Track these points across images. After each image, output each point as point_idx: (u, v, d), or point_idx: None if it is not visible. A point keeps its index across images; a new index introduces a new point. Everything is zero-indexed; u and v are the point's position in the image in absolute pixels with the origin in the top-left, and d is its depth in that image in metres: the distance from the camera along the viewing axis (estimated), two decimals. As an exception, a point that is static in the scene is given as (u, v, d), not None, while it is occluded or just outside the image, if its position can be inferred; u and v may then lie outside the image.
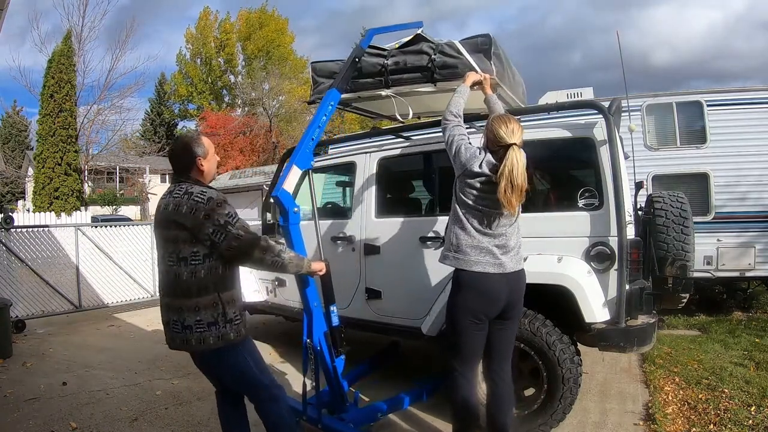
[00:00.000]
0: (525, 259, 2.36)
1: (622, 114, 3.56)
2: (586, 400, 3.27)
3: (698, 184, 5.69)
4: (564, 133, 2.89)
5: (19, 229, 6.15)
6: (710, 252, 5.54)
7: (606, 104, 2.74)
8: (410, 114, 3.39)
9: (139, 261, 7.01)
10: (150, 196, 26.89)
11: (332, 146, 4.17)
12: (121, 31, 22.01)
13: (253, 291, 4.42)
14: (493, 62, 2.82)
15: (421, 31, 3.06)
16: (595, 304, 2.59)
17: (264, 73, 26.87)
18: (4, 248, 5.82)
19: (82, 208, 17.51)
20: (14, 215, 9.02)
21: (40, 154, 17.73)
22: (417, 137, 3.66)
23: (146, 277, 7.07)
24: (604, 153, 2.68)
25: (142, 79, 24.83)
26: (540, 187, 3.20)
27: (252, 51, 30.78)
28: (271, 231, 3.80)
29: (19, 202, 27.32)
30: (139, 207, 27.54)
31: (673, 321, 5.56)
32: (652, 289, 3.04)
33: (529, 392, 2.82)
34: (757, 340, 4.56)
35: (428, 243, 3.19)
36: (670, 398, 3.30)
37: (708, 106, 5.71)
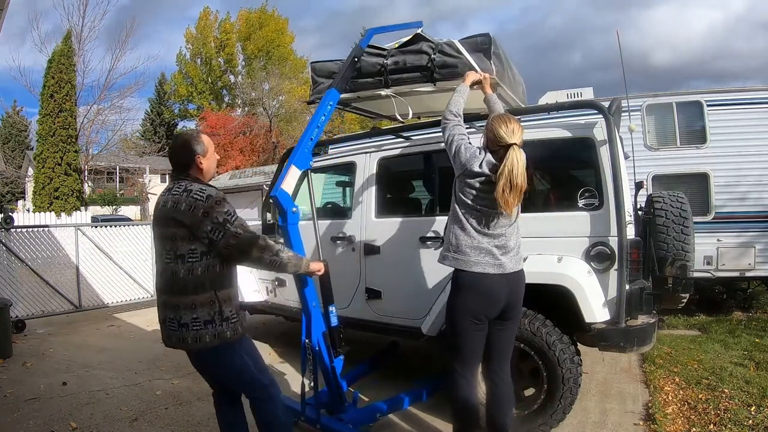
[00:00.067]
0: (525, 259, 2.36)
1: (622, 114, 3.56)
2: (586, 400, 3.27)
3: (698, 184, 5.69)
4: (564, 133, 2.89)
5: (19, 229, 6.15)
6: (710, 252, 5.54)
7: (606, 104, 2.74)
8: (410, 114, 3.39)
9: (139, 261, 7.01)
10: (150, 196, 26.88)
11: (332, 146, 4.17)
12: (121, 31, 22.04)
13: (253, 291, 4.42)
14: (492, 62, 2.82)
15: (420, 31, 3.06)
16: (595, 304, 2.59)
17: (264, 73, 26.86)
18: (4, 248, 5.82)
19: (82, 208, 17.51)
20: (14, 215, 9.02)
21: (40, 154, 17.73)
22: (417, 137, 3.66)
23: (146, 277, 7.07)
24: (604, 153, 2.68)
25: (142, 79, 24.95)
26: (540, 187, 3.20)
27: (252, 51, 30.76)
28: (271, 231, 3.80)
29: (19, 202, 27.33)
30: (139, 207, 27.55)
31: (673, 321, 5.56)
32: (652, 289, 3.04)
33: (529, 392, 2.81)
34: (757, 340, 4.55)
35: (428, 243, 3.18)
36: (670, 398, 3.30)
37: (708, 106, 5.71)
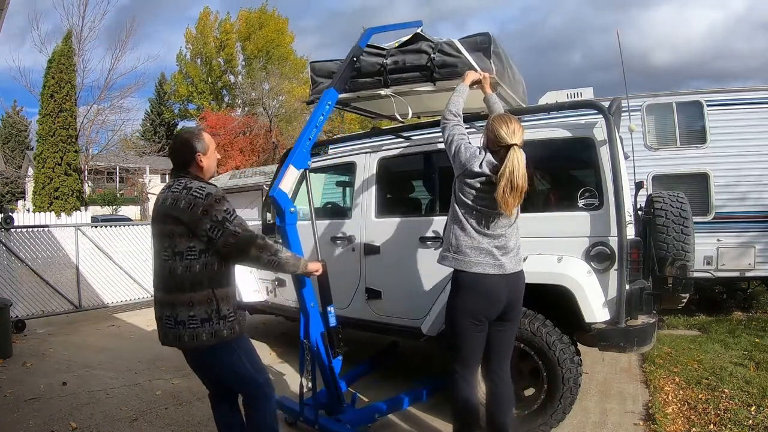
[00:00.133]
0: (525, 260, 2.35)
1: (622, 114, 3.56)
2: (586, 400, 3.27)
3: (698, 184, 5.69)
4: (564, 133, 2.89)
5: (19, 229, 6.14)
6: (710, 252, 5.54)
7: (606, 104, 2.74)
8: (410, 113, 3.38)
9: (139, 261, 7.00)
10: (150, 196, 26.86)
11: (332, 146, 4.17)
12: (121, 31, 22.02)
13: (253, 291, 4.42)
14: (492, 61, 2.82)
15: (420, 30, 3.05)
16: (595, 304, 2.59)
17: (264, 73, 26.85)
18: (4, 248, 5.82)
19: (82, 208, 17.50)
20: (14, 215, 9.03)
21: (40, 154, 17.72)
22: (417, 137, 3.66)
23: (146, 277, 7.04)
24: (604, 153, 2.68)
25: (142, 79, 24.97)
26: (540, 187, 3.20)
27: (252, 51, 30.75)
28: (271, 231, 3.79)
29: (19, 202, 27.33)
30: (139, 207, 27.54)
31: (673, 321, 5.56)
32: (652, 289, 3.04)
33: (529, 392, 2.81)
34: (757, 340, 4.55)
35: (428, 243, 3.18)
36: (670, 398, 3.29)
37: (708, 106, 5.71)
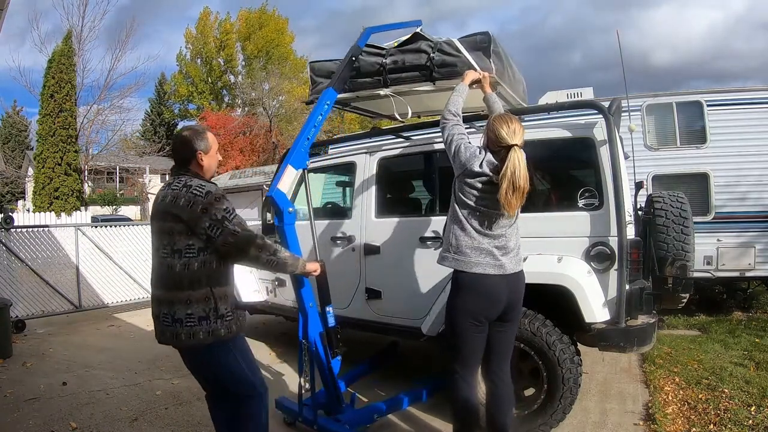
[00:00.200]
0: (525, 260, 2.35)
1: (622, 114, 3.56)
2: (586, 400, 3.27)
3: (698, 184, 5.69)
4: (564, 133, 2.89)
5: (19, 229, 6.14)
6: (710, 252, 5.54)
7: (606, 104, 2.74)
8: (409, 113, 3.38)
9: (139, 261, 7.00)
10: (150, 196, 26.86)
11: (332, 146, 4.17)
12: (121, 31, 22.02)
13: (253, 291, 4.42)
14: (492, 60, 2.81)
15: (419, 30, 3.05)
16: (595, 304, 2.59)
17: (264, 73, 26.85)
18: (4, 248, 5.82)
19: (82, 208, 17.50)
20: (14, 215, 9.02)
21: (40, 154, 17.72)
22: (417, 137, 3.66)
23: (146, 277, 7.02)
24: (604, 153, 2.68)
25: (142, 79, 24.87)
26: (540, 187, 3.20)
27: (252, 51, 30.74)
28: (271, 230, 3.79)
29: (19, 202, 27.32)
30: (139, 207, 27.53)
31: (673, 321, 5.56)
32: (652, 289, 3.04)
33: (529, 392, 2.81)
34: (757, 340, 4.55)
35: (428, 243, 3.18)
36: (670, 398, 3.29)
37: (708, 106, 5.71)
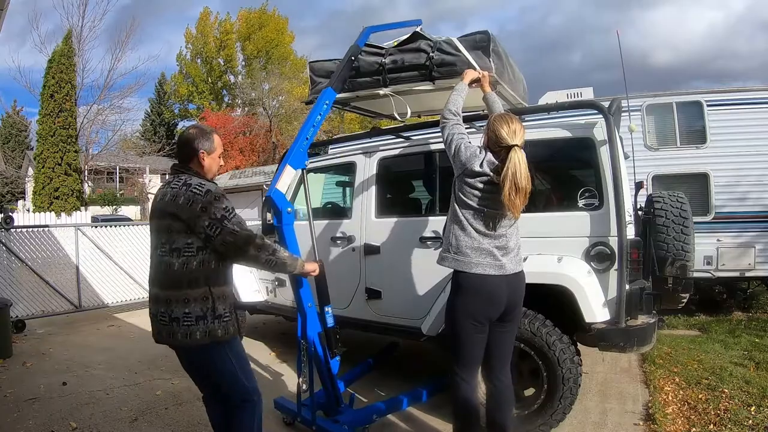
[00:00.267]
0: (525, 260, 2.35)
1: (622, 114, 3.56)
2: (586, 400, 3.27)
3: (698, 184, 5.69)
4: (564, 133, 2.89)
5: (19, 229, 6.14)
6: (710, 252, 5.54)
7: (606, 104, 2.74)
8: (408, 113, 3.38)
9: (139, 261, 6.99)
10: (150, 196, 26.86)
11: (332, 146, 4.17)
12: (121, 31, 21.96)
13: (253, 291, 4.41)
14: (491, 59, 2.81)
15: (419, 29, 3.05)
16: (595, 304, 2.59)
17: (264, 73, 26.85)
18: (4, 248, 5.82)
19: (82, 208, 17.50)
20: (14, 215, 9.02)
21: (40, 154, 17.72)
22: (417, 137, 3.66)
23: (146, 277, 6.97)
24: (604, 153, 2.68)
25: (142, 79, 24.99)
26: (540, 187, 3.20)
27: (252, 51, 30.73)
28: (271, 230, 3.79)
29: (19, 202, 27.29)
30: (139, 207, 27.53)
31: (673, 321, 5.56)
32: (652, 289, 3.04)
33: (529, 392, 2.81)
34: (757, 340, 4.55)
35: (428, 243, 3.18)
36: (670, 398, 3.29)
37: (708, 106, 5.71)
